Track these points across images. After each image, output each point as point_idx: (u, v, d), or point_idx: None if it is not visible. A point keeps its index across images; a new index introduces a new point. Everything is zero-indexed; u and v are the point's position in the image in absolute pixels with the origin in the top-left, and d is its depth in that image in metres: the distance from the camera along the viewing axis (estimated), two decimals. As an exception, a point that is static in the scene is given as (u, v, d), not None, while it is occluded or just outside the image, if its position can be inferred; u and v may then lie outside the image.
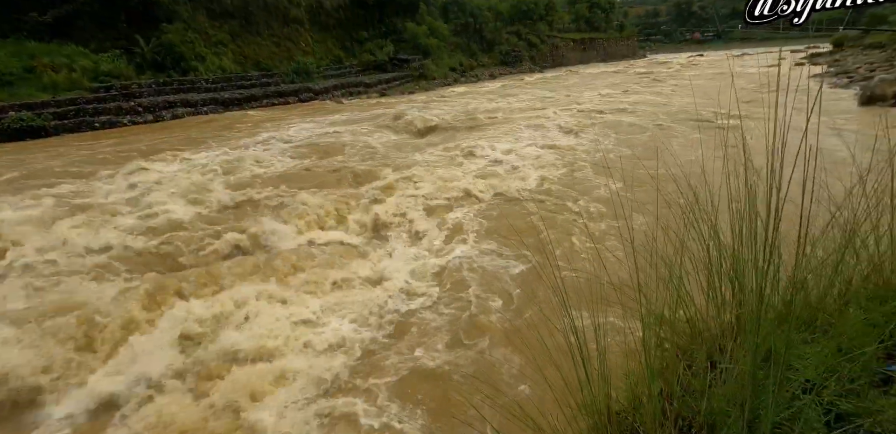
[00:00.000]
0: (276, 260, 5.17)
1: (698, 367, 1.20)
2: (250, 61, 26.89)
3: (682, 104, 17.08)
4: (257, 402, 3.27)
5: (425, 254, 5.70)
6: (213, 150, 11.45)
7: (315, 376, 3.53)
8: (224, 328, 4.04)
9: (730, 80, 25.17)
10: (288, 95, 24.52)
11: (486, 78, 40.30)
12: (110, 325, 3.94)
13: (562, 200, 7.32)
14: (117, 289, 4.55)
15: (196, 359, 3.69)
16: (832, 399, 1.07)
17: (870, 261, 1.57)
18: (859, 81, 17.61)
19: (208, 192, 7.41)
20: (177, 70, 22.17)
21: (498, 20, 48.17)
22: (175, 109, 19.45)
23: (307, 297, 4.61)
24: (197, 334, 3.93)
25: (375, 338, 4.08)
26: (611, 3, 72.68)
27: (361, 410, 3.18)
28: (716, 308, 1.38)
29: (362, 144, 11.82)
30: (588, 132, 12.59)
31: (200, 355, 3.73)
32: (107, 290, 4.53)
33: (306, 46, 31.12)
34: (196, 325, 4.00)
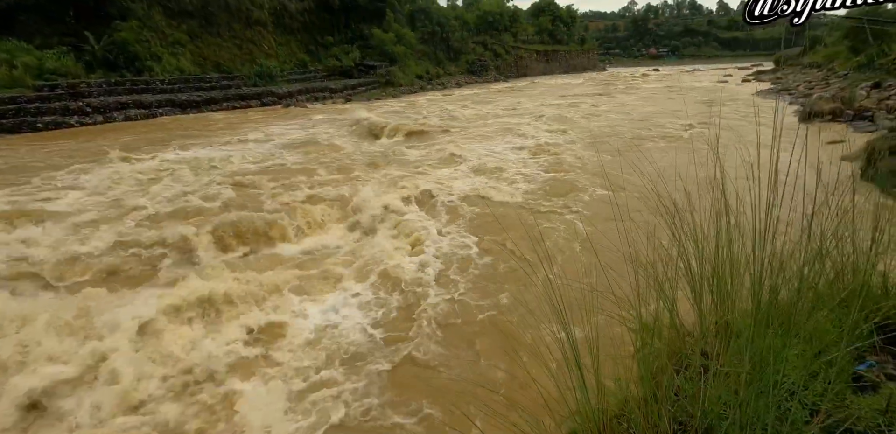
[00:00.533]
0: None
1: (690, 372, 1.23)
2: (210, 63, 26.07)
3: (647, 114, 17.78)
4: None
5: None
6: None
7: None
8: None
9: (688, 93, 26.43)
10: (250, 99, 23.92)
11: (453, 86, 40.69)
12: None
13: (553, 205, 7.46)
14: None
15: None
16: (814, 400, 1.12)
17: (833, 267, 1.68)
18: (799, 98, 18.90)
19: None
20: (130, 70, 21.19)
21: (464, 29, 48.87)
22: (128, 111, 18.58)
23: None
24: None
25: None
26: (572, 17, 75.20)
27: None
28: (701, 315, 1.43)
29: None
30: (563, 138, 12.94)
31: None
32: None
33: (269, 49, 30.49)
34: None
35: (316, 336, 4.18)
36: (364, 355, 3.90)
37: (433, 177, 9.06)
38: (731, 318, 1.37)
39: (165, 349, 3.76)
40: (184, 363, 3.63)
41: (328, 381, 3.56)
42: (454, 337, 4.13)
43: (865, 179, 4.47)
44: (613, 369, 1.44)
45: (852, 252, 1.66)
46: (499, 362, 3.49)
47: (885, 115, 11.74)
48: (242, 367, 3.72)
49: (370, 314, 4.56)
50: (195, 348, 3.84)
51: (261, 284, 4.83)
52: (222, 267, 5.11)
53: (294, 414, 3.24)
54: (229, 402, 3.32)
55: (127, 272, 5.13)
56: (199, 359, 3.69)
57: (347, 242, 6.30)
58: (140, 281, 4.98)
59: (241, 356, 3.83)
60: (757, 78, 35.19)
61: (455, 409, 3.00)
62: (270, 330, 4.22)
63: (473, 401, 2.97)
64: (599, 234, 5.04)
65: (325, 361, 3.82)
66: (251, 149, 12.08)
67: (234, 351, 3.85)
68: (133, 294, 4.63)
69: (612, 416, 1.27)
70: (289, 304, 4.65)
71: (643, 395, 1.27)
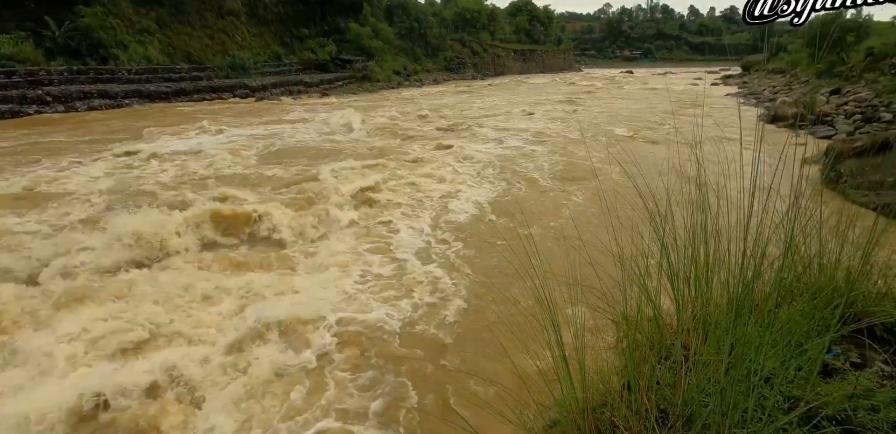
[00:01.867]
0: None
1: (671, 362, 1.28)
2: (180, 53, 25.23)
3: (632, 112, 18.15)
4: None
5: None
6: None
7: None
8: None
9: (665, 95, 27.10)
10: (222, 91, 23.30)
11: (431, 83, 40.61)
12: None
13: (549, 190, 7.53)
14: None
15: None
16: (785, 387, 1.18)
17: (801, 263, 1.76)
18: (764, 102, 19.64)
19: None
20: (94, 58, 20.31)
21: (442, 26, 48.76)
22: (91, 100, 17.84)
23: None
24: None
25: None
26: (549, 18, 76.01)
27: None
28: (680, 308, 1.49)
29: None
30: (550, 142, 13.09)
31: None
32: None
33: (243, 40, 29.72)
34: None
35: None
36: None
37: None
38: (708, 311, 1.43)
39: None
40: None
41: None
42: (441, 327, 4.16)
43: (826, 181, 4.69)
44: (597, 360, 1.48)
45: (819, 249, 1.75)
46: (486, 353, 3.52)
47: (844, 120, 12.31)
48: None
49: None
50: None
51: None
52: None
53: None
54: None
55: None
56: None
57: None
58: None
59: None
60: (725, 82, 36.40)
61: (439, 398, 3.02)
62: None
63: (460, 390, 3.00)
64: (585, 230, 5.13)
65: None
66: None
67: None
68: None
69: (596, 405, 1.31)
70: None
71: (625, 385, 1.31)
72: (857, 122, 11.80)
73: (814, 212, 1.77)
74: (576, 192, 8.26)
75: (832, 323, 1.29)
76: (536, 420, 1.39)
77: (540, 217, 6.96)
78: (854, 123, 11.81)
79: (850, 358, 1.35)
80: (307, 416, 3.02)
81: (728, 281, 1.51)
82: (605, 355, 1.49)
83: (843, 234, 1.82)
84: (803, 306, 1.49)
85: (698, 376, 1.19)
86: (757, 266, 1.48)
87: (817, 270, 1.74)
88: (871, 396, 1.18)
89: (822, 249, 1.73)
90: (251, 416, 2.99)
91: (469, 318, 4.33)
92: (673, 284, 1.54)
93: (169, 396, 3.11)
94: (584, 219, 6.78)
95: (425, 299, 4.67)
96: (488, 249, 5.71)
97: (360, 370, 3.54)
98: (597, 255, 1.80)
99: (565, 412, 1.33)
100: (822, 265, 1.72)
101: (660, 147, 11.48)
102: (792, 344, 1.31)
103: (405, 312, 4.43)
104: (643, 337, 1.45)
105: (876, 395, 1.18)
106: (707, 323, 1.40)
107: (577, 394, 1.30)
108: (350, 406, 3.17)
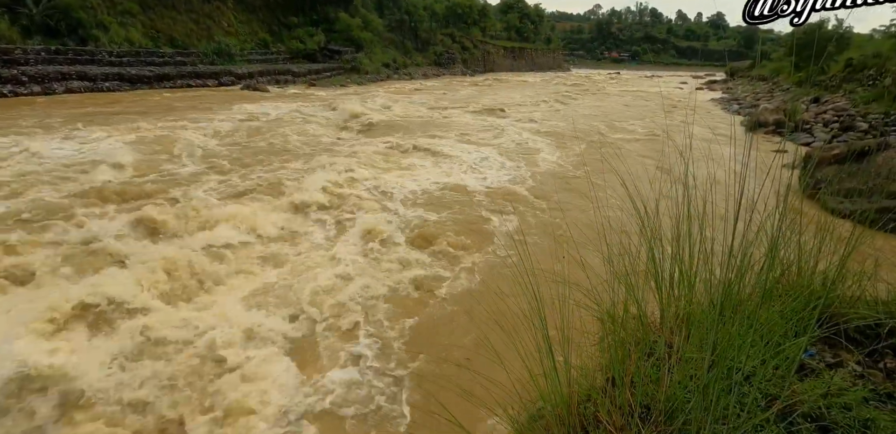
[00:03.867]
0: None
1: (654, 359, 1.31)
2: (164, 37, 24.56)
3: (622, 116, 18.34)
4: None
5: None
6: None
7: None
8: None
9: (654, 99, 27.45)
10: (206, 77, 22.79)
11: (420, 77, 40.36)
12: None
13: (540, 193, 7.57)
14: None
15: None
16: (764, 385, 1.22)
17: (780, 266, 1.81)
18: (747, 108, 20.05)
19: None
20: (73, 38, 19.64)
21: (433, 20, 48.43)
22: (69, 82, 17.27)
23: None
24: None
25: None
26: (540, 16, 76.14)
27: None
28: (663, 306, 1.52)
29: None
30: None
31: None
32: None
33: (229, 27, 29.07)
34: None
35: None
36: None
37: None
38: (692, 310, 1.46)
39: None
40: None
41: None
42: (432, 321, 4.18)
43: (805, 187, 4.82)
44: (582, 356, 1.51)
45: (798, 253, 1.80)
46: (474, 347, 3.56)
47: (822, 128, 12.65)
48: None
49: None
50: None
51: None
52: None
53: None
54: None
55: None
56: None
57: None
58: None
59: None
60: (710, 87, 37.05)
61: (426, 390, 3.04)
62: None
63: (446, 383, 3.02)
64: (573, 228, 5.18)
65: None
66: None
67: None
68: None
69: (580, 400, 1.33)
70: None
71: (609, 380, 1.34)
72: (834, 131, 12.14)
73: (794, 217, 1.82)
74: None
75: (810, 324, 1.33)
76: (521, 413, 1.40)
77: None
78: (832, 132, 12.15)
79: (825, 358, 1.40)
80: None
81: (711, 281, 1.55)
82: (590, 351, 1.52)
83: (822, 239, 1.88)
84: (782, 308, 1.53)
85: (681, 373, 1.22)
86: (739, 267, 1.52)
87: (796, 273, 1.80)
88: (844, 395, 1.22)
89: (801, 253, 1.78)
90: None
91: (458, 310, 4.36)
92: (658, 283, 1.57)
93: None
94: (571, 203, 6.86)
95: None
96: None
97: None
98: (586, 253, 1.83)
99: (550, 406, 1.35)
100: (801, 268, 1.77)
101: (649, 149, 11.64)
102: (771, 344, 1.36)
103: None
104: (628, 334, 1.48)
105: (849, 394, 1.23)
106: (690, 321, 1.43)
107: (563, 388, 1.32)
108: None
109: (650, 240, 1.61)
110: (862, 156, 6.32)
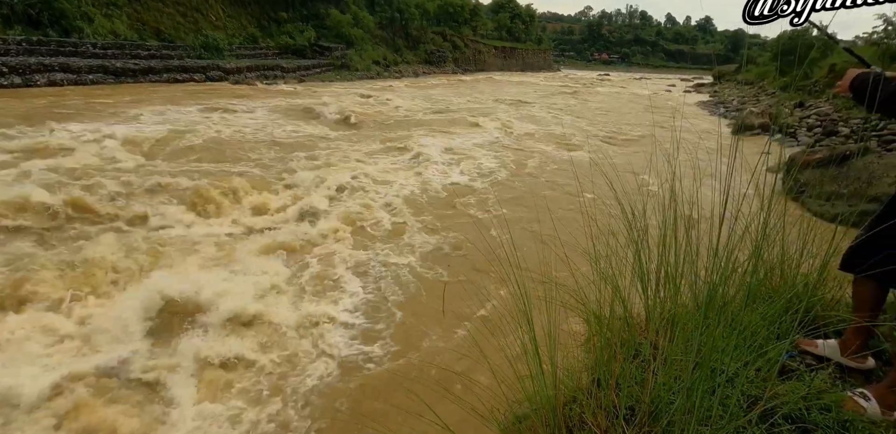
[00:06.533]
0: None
1: (639, 361, 1.31)
2: (150, 29, 24.12)
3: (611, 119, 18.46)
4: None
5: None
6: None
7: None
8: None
9: (642, 102, 27.69)
10: (194, 72, 22.41)
11: (411, 75, 40.24)
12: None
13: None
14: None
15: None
16: (746, 387, 1.23)
17: (763, 268, 1.84)
18: (733, 111, 20.33)
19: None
20: (55, 29, 19.18)
21: (424, 19, 48.26)
22: (52, 74, 16.84)
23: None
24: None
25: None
26: (531, 16, 76.28)
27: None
28: (649, 308, 1.53)
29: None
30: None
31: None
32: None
33: (217, 21, 28.65)
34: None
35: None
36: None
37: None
38: (677, 312, 1.47)
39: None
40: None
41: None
42: (418, 322, 4.16)
43: (788, 190, 4.91)
44: (567, 358, 1.51)
45: (781, 255, 1.83)
46: (460, 349, 3.55)
47: (806, 132, 12.87)
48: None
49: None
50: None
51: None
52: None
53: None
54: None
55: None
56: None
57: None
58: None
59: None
60: (697, 90, 37.53)
61: (412, 393, 3.02)
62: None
63: (432, 384, 3.01)
64: (561, 230, 5.19)
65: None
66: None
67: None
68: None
69: (566, 401, 1.33)
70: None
71: (595, 382, 1.34)
72: (817, 135, 12.36)
73: (777, 220, 1.84)
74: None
75: (792, 327, 1.35)
76: (507, 415, 1.40)
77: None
78: (815, 136, 12.37)
79: (806, 360, 1.42)
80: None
81: (696, 283, 1.56)
82: (576, 353, 1.52)
83: (804, 242, 1.91)
84: (765, 310, 1.55)
85: (665, 375, 1.23)
86: (724, 270, 1.53)
87: (780, 276, 1.82)
88: (824, 396, 1.24)
89: (785, 256, 1.80)
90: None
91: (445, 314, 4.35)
92: (644, 285, 1.58)
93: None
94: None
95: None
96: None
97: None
98: (573, 255, 1.83)
99: (535, 407, 1.35)
100: (784, 271, 1.80)
101: (634, 151, 11.75)
102: (754, 346, 1.37)
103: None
104: (614, 335, 1.48)
105: (828, 396, 1.25)
106: (675, 323, 1.44)
107: (548, 390, 1.32)
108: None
109: (637, 241, 1.61)
110: (843, 160, 6.45)
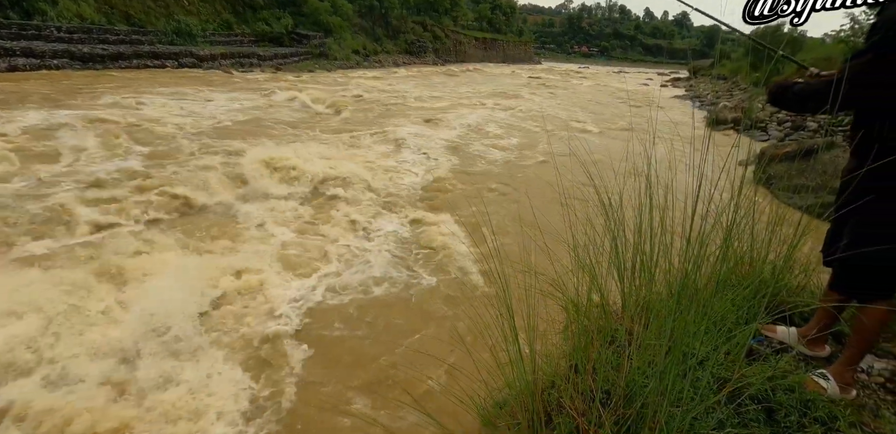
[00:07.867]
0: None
1: (615, 346, 1.35)
2: (118, 13, 23.17)
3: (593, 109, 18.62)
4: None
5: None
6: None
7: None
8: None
9: (620, 94, 27.97)
10: (165, 58, 21.67)
11: (391, 65, 39.75)
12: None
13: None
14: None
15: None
16: (716, 369, 1.28)
17: (733, 257, 1.90)
18: (707, 106, 20.76)
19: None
20: (16, 11, 18.25)
21: (404, 8, 47.59)
22: (14, 59, 16.06)
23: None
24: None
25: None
26: (512, 8, 76.04)
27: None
28: (624, 295, 1.57)
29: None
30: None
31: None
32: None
33: (190, 5, 27.69)
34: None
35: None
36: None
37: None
38: (651, 299, 1.51)
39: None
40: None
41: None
42: (396, 310, 4.16)
43: (758, 182, 5.06)
44: (546, 344, 1.54)
45: (750, 244, 1.90)
46: (441, 337, 3.56)
47: (776, 126, 13.25)
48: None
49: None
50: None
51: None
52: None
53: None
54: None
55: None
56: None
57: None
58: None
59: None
60: (673, 84, 38.16)
61: (392, 380, 3.04)
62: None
63: (413, 371, 3.02)
64: (541, 218, 5.24)
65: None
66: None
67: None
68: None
69: (545, 386, 1.36)
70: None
71: (573, 367, 1.38)
72: (787, 130, 12.73)
73: (747, 210, 1.90)
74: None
75: (759, 312, 1.41)
76: (487, 401, 1.43)
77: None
78: (785, 130, 12.74)
79: (772, 343, 1.48)
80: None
81: (670, 271, 1.61)
82: (554, 340, 1.55)
83: (772, 232, 1.98)
84: (734, 296, 1.61)
85: (640, 359, 1.27)
86: (696, 258, 1.58)
87: (749, 264, 1.89)
88: (788, 378, 1.31)
89: (753, 245, 1.87)
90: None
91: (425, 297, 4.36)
92: (620, 274, 1.62)
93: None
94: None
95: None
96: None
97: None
98: (552, 244, 1.86)
99: (515, 393, 1.38)
100: (753, 259, 1.87)
101: (608, 144, 11.91)
102: (723, 330, 1.42)
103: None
104: (591, 322, 1.52)
105: (792, 377, 1.31)
106: (650, 310, 1.49)
107: (528, 376, 1.35)
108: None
109: (614, 230, 1.65)
110: (810, 154, 6.67)
